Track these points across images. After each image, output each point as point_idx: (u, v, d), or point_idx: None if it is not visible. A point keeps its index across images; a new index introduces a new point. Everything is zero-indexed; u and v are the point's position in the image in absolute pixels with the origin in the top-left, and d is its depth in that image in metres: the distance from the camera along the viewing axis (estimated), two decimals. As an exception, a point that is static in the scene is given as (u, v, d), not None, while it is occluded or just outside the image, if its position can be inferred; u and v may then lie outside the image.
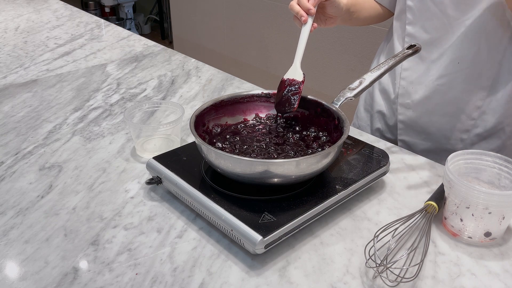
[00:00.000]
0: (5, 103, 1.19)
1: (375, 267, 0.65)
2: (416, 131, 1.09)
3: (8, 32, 1.78)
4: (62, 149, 0.98)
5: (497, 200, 0.67)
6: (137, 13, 4.80)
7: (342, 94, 0.86)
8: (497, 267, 0.68)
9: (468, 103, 0.99)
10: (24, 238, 0.73)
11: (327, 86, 2.33)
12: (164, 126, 0.95)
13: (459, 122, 1.02)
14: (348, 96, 0.85)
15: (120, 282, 0.65)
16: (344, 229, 0.75)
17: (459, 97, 1.00)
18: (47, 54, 1.54)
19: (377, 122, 1.17)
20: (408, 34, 1.01)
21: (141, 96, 1.24)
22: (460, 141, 1.04)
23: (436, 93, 1.01)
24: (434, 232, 0.75)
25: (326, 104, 0.86)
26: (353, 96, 0.85)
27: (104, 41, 1.69)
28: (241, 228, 0.67)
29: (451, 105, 1.01)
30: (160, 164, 0.82)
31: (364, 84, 0.86)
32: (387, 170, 0.85)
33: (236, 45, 2.93)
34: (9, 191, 0.84)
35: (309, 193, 0.75)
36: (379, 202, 0.82)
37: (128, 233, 0.74)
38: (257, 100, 0.93)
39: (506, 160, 0.75)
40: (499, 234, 0.72)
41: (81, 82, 1.33)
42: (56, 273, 0.66)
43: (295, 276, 0.66)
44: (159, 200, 0.82)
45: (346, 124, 0.79)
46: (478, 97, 0.98)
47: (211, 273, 0.66)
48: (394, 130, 1.13)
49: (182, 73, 1.40)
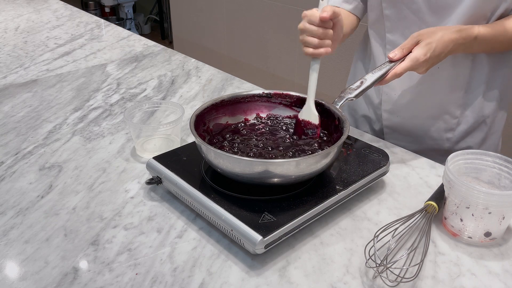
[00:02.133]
0: (5, 103, 1.19)
1: (375, 267, 0.65)
2: (402, 135, 1.09)
3: (8, 32, 1.78)
4: (62, 149, 0.98)
5: (497, 200, 0.67)
6: (137, 13, 4.80)
7: (343, 94, 0.86)
8: (497, 267, 0.68)
9: (450, 103, 1.01)
10: (24, 238, 0.73)
11: (327, 86, 2.33)
12: (164, 126, 0.95)
13: (444, 122, 1.04)
14: (349, 96, 0.85)
15: (120, 282, 0.65)
16: (344, 229, 0.75)
17: (441, 99, 1.01)
18: (47, 54, 1.54)
19: (362, 126, 1.18)
20: (389, 41, 1.01)
21: (141, 96, 1.24)
22: (446, 140, 1.06)
23: (420, 97, 1.03)
24: (434, 232, 0.75)
25: (326, 104, 0.86)
26: (354, 97, 0.85)
27: (104, 41, 1.69)
28: (241, 228, 0.67)
29: (434, 108, 1.03)
30: (160, 164, 0.82)
31: (365, 84, 0.85)
32: (387, 170, 0.85)
33: (236, 45, 2.93)
34: (9, 191, 0.84)
35: (309, 193, 0.75)
36: (379, 202, 0.82)
37: (128, 233, 0.74)
38: (258, 100, 0.93)
39: (506, 160, 0.75)
40: (499, 234, 0.72)
41: (81, 82, 1.33)
42: (56, 273, 0.66)
43: (295, 276, 0.66)
44: (159, 200, 0.82)
45: (346, 125, 0.79)
46: (458, 96, 1.00)
47: (211, 273, 0.66)
48: (380, 134, 1.14)
49: (182, 73, 1.40)
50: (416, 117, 1.05)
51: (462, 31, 0.87)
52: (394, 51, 0.86)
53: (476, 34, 0.88)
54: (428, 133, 1.06)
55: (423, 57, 0.83)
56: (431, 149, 1.06)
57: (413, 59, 0.83)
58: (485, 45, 0.91)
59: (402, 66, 0.84)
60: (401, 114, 1.07)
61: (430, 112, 1.04)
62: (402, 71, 0.84)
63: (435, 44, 0.84)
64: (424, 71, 0.87)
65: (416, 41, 0.85)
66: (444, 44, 0.85)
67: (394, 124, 1.09)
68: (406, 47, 0.85)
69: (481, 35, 0.88)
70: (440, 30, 0.86)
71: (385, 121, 1.10)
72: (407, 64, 0.84)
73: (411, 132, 1.08)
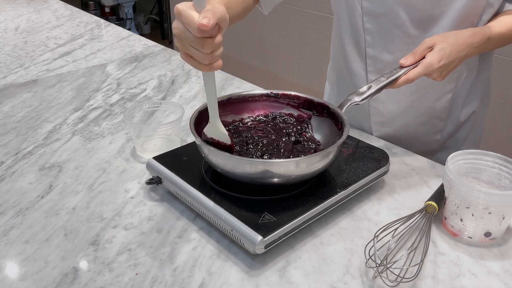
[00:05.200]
0: (5, 103, 1.19)
1: (375, 267, 0.65)
2: (393, 142, 1.09)
3: (8, 32, 1.78)
4: (62, 149, 0.98)
5: (497, 200, 0.67)
6: (137, 13, 4.80)
7: (350, 97, 0.84)
8: (497, 267, 0.68)
9: (437, 109, 1.02)
10: (24, 238, 0.73)
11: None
12: (164, 126, 0.95)
13: (432, 126, 1.05)
14: (356, 100, 0.83)
15: (120, 282, 0.65)
16: (344, 229, 0.75)
17: (430, 107, 1.02)
18: (47, 54, 1.54)
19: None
20: (370, 56, 0.99)
21: (141, 96, 1.24)
22: (435, 141, 1.07)
23: (410, 108, 1.03)
24: (434, 232, 0.75)
25: (332, 108, 0.86)
26: (360, 101, 0.83)
27: (104, 41, 1.69)
28: (241, 228, 0.67)
29: (424, 115, 1.03)
30: (160, 164, 0.82)
31: (373, 89, 0.83)
32: (387, 170, 0.85)
33: (236, 45, 2.94)
34: (9, 191, 0.84)
35: (309, 193, 0.75)
36: (379, 202, 0.82)
37: (128, 233, 0.74)
38: (258, 100, 0.93)
39: (506, 160, 0.75)
40: (499, 234, 0.72)
41: (81, 82, 1.33)
42: (56, 273, 0.66)
43: (295, 276, 0.66)
44: (159, 200, 0.82)
45: (346, 125, 0.79)
46: (445, 100, 1.01)
47: (211, 273, 0.66)
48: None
49: (182, 73, 1.40)
50: (406, 126, 1.06)
51: (477, 34, 0.85)
52: (405, 57, 0.83)
53: (489, 35, 0.86)
54: (418, 139, 1.07)
55: (437, 63, 0.80)
56: (421, 151, 1.06)
57: (426, 65, 0.81)
58: (496, 44, 0.91)
59: (415, 72, 0.81)
60: (391, 125, 1.07)
61: (419, 120, 1.04)
62: (415, 77, 0.81)
63: (449, 49, 0.81)
64: (440, 78, 0.84)
65: (429, 46, 0.82)
66: (459, 49, 0.82)
67: (385, 134, 1.08)
68: (418, 53, 0.82)
69: (494, 35, 0.87)
70: (453, 34, 0.84)
71: (375, 132, 1.09)
72: (420, 70, 0.81)
73: (401, 140, 1.08)
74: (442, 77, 0.84)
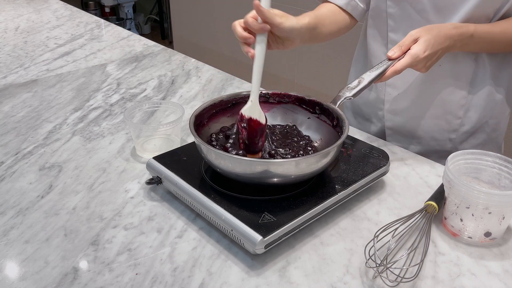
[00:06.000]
0: (5, 103, 1.19)
1: (375, 267, 0.65)
2: (404, 136, 1.09)
3: (8, 32, 1.78)
4: (62, 149, 0.98)
5: (497, 200, 0.67)
6: (137, 13, 4.79)
7: (341, 93, 0.86)
8: (497, 267, 0.68)
9: (452, 103, 1.01)
10: (24, 238, 0.73)
11: (327, 86, 2.33)
12: (164, 126, 0.95)
13: (447, 123, 1.04)
14: (347, 95, 0.85)
15: (120, 282, 0.65)
16: (344, 229, 0.75)
17: (444, 99, 1.01)
18: (47, 54, 1.54)
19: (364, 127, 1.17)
20: (391, 41, 1.01)
21: (141, 96, 1.24)
22: (449, 141, 1.06)
23: (422, 97, 1.02)
24: (434, 232, 0.75)
25: (324, 104, 0.86)
26: (352, 96, 0.85)
27: (104, 41, 1.69)
28: (241, 228, 0.67)
29: (437, 108, 1.03)
30: (160, 164, 0.82)
31: (363, 83, 0.86)
32: (387, 170, 0.85)
33: (236, 45, 2.93)
34: (9, 191, 0.84)
35: (309, 193, 0.75)
36: (379, 202, 0.82)
37: (128, 233, 0.74)
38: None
39: (506, 160, 0.75)
40: (499, 234, 0.72)
41: (81, 82, 1.33)
42: (56, 273, 0.66)
43: (295, 276, 0.66)
44: (159, 200, 0.82)
45: (346, 124, 0.79)
46: (461, 96, 1.00)
47: (211, 273, 0.66)
48: (382, 136, 1.13)
49: (182, 73, 1.40)
50: (419, 117, 1.05)
51: (458, 28, 0.87)
52: (392, 49, 0.86)
53: (472, 32, 0.88)
54: (430, 134, 1.06)
55: (422, 53, 0.83)
56: (434, 151, 1.06)
57: (412, 56, 0.84)
58: (483, 44, 0.91)
59: (401, 63, 0.84)
60: (404, 114, 1.06)
61: (432, 112, 1.03)
62: (401, 68, 0.84)
63: (434, 41, 0.84)
64: (424, 69, 0.87)
65: (414, 38, 0.85)
66: (440, 40, 0.85)
67: (396, 124, 1.08)
68: (405, 45, 0.85)
69: (478, 33, 0.88)
70: (437, 27, 0.87)
71: (387, 121, 1.09)
72: (406, 60, 0.84)
73: (413, 133, 1.07)
74: (426, 68, 0.87)
